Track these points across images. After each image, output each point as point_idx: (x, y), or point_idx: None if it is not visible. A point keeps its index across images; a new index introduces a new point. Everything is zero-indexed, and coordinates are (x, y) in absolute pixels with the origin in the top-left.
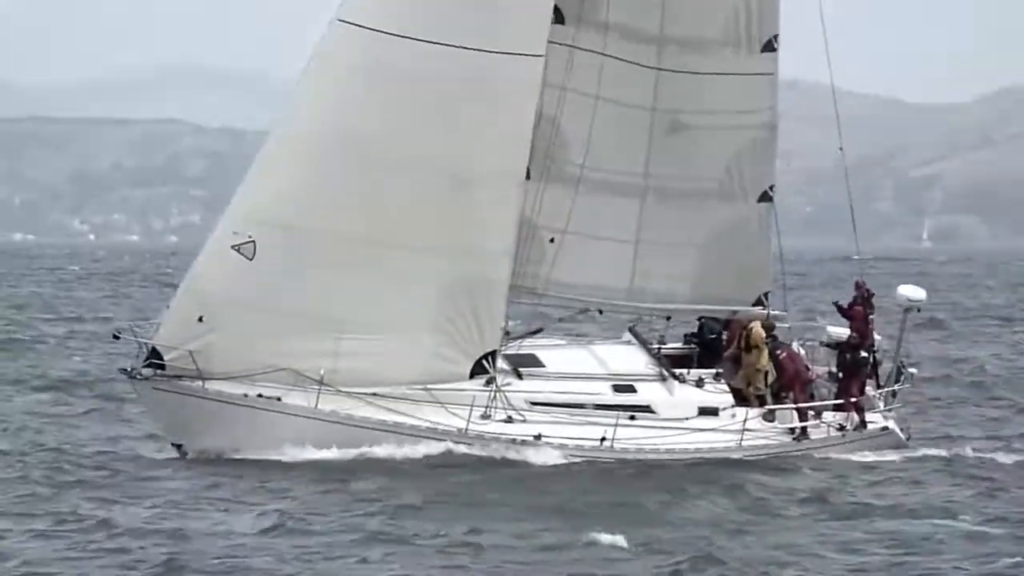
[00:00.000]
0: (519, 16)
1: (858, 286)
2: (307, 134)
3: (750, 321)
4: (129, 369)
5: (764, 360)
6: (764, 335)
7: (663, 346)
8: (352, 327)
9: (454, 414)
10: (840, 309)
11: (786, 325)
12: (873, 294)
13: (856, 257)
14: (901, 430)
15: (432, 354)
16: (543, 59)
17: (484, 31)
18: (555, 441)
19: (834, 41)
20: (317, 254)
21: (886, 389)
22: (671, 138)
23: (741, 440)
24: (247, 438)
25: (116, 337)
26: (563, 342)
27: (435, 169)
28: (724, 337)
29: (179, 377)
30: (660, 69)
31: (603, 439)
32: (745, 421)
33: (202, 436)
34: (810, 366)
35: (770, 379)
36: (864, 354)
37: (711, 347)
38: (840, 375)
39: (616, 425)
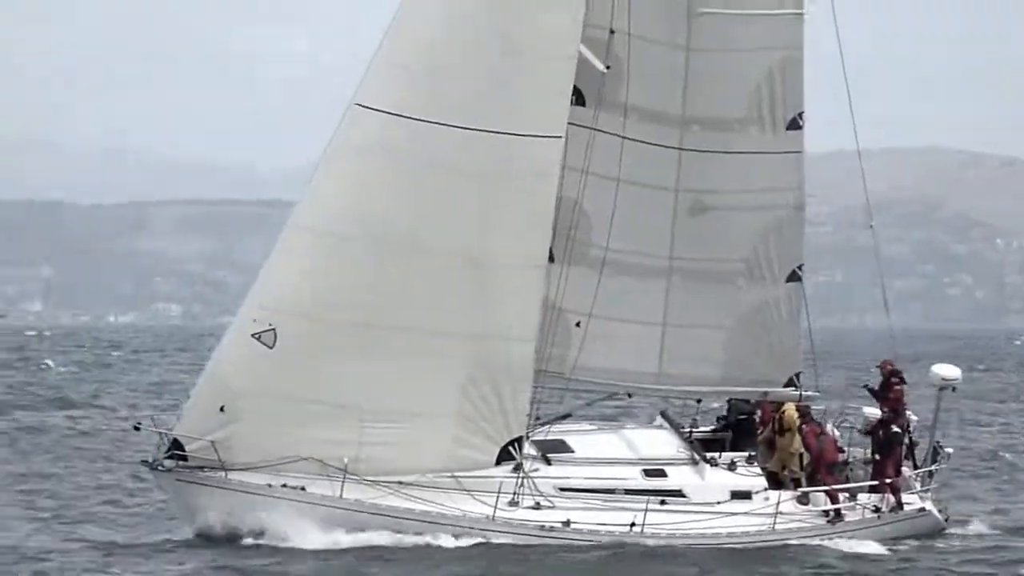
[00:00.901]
0: (538, 98)
1: (882, 368)
2: (325, 220)
3: (783, 403)
4: (151, 461)
5: (797, 443)
6: (797, 417)
7: (695, 429)
8: (375, 415)
9: (481, 501)
10: (872, 392)
11: (820, 407)
12: (900, 372)
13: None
14: (939, 511)
15: (457, 441)
16: (562, 140)
17: (503, 114)
18: (584, 527)
19: None
20: (338, 342)
21: (923, 469)
22: (695, 219)
23: (775, 524)
24: (272, 527)
25: (137, 428)
26: (593, 427)
27: (455, 254)
28: (757, 418)
29: (201, 468)
30: (682, 149)
31: (633, 524)
32: (778, 504)
33: (227, 526)
34: (843, 448)
35: (805, 461)
36: (897, 430)
37: (741, 429)
38: (875, 456)
39: (647, 510)
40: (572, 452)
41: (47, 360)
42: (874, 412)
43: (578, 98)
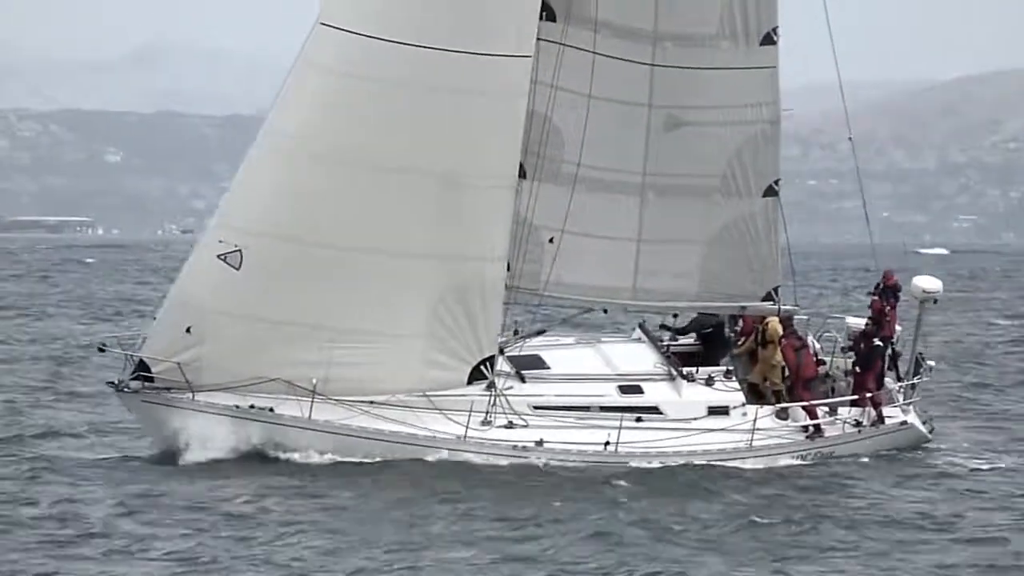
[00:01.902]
0: (505, 18)
1: (886, 277)
2: (292, 142)
3: (766, 315)
4: (117, 382)
5: (780, 355)
6: (780, 330)
7: (674, 342)
8: (344, 336)
9: (453, 421)
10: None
11: (803, 317)
12: (898, 286)
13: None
14: (923, 423)
15: (427, 361)
16: (530, 60)
17: (470, 33)
18: (557, 447)
19: None
20: (306, 263)
21: (906, 382)
22: (670, 135)
23: (752, 440)
24: (239, 448)
25: (102, 350)
26: (570, 341)
27: (424, 174)
28: (728, 331)
29: (168, 389)
30: (655, 65)
31: (607, 443)
32: (755, 420)
33: (194, 447)
34: (824, 360)
35: (787, 374)
36: (879, 343)
37: (709, 342)
38: (855, 369)
39: (620, 428)
40: (547, 368)
41: None
42: (858, 323)
43: (548, 14)
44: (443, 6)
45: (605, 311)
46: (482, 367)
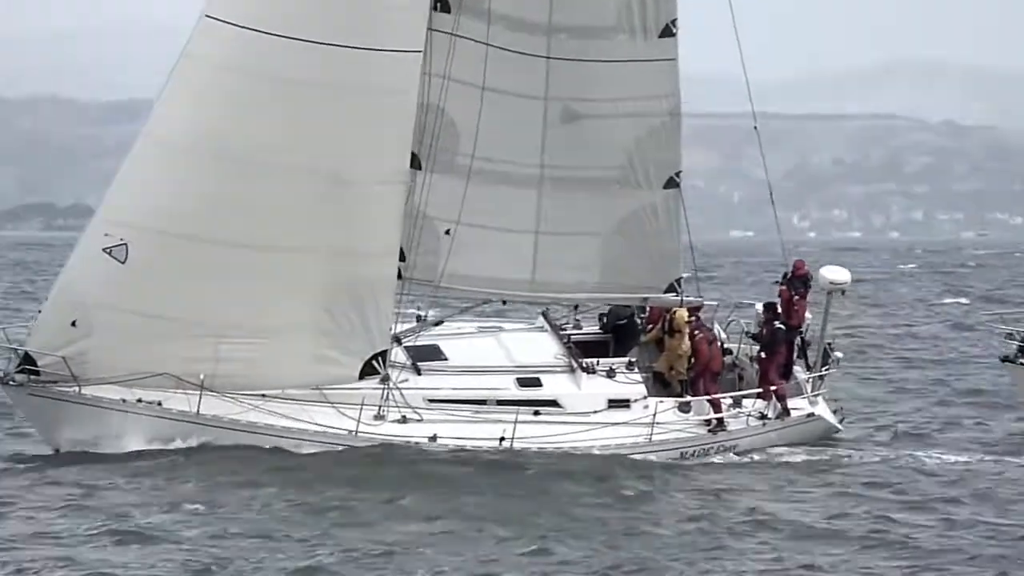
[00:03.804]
0: (394, 12)
1: (795, 268)
2: (176, 136)
3: (671, 306)
4: (2, 375)
5: (686, 345)
6: (687, 319)
7: (577, 331)
8: (231, 331)
9: (345, 415)
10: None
11: (713, 303)
12: (806, 275)
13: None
14: (835, 413)
15: (317, 357)
16: (420, 56)
17: (358, 28)
18: (451, 442)
19: None
20: (191, 259)
21: (814, 374)
22: (566, 127)
23: (651, 434)
24: (126, 442)
25: None
26: (472, 330)
27: (311, 170)
28: (640, 320)
29: (54, 382)
30: (550, 58)
31: (502, 439)
32: (655, 414)
33: (80, 441)
34: (730, 349)
35: (691, 363)
36: (780, 327)
37: (621, 334)
38: (760, 355)
39: (516, 423)
40: (445, 359)
41: None
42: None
43: (442, 4)
44: (329, 2)
45: (504, 303)
46: (374, 362)
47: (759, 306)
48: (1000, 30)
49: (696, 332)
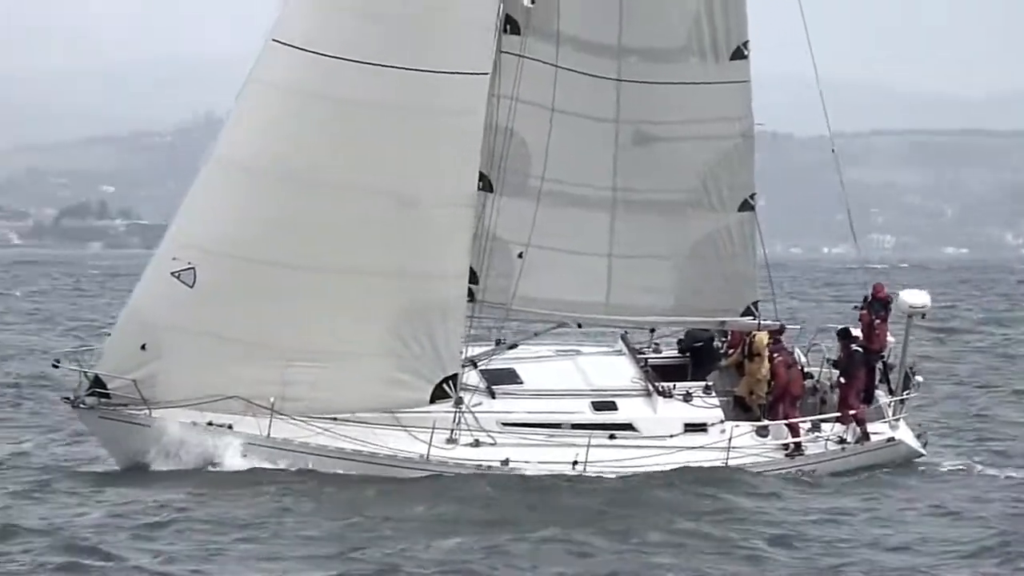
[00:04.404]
0: (461, 35)
1: (875, 291)
2: (243, 159)
3: (749, 330)
4: (72, 398)
5: (766, 368)
6: (767, 342)
7: (656, 355)
8: (301, 355)
9: (417, 439)
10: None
11: (797, 327)
12: (887, 299)
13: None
14: (917, 437)
15: (387, 380)
16: (487, 78)
17: (425, 51)
18: (524, 466)
19: None
20: (259, 282)
21: (895, 398)
22: (638, 150)
23: (728, 458)
24: (197, 466)
25: (55, 366)
26: (550, 353)
27: (380, 193)
28: (718, 344)
29: (125, 405)
30: (620, 80)
31: (575, 462)
32: (731, 438)
33: (149, 463)
34: (812, 373)
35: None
36: (859, 349)
37: (698, 357)
38: (840, 380)
39: (589, 446)
40: (520, 383)
41: None
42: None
43: (511, 26)
44: (397, 24)
45: (579, 326)
46: (445, 386)
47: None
48: None
49: (774, 355)
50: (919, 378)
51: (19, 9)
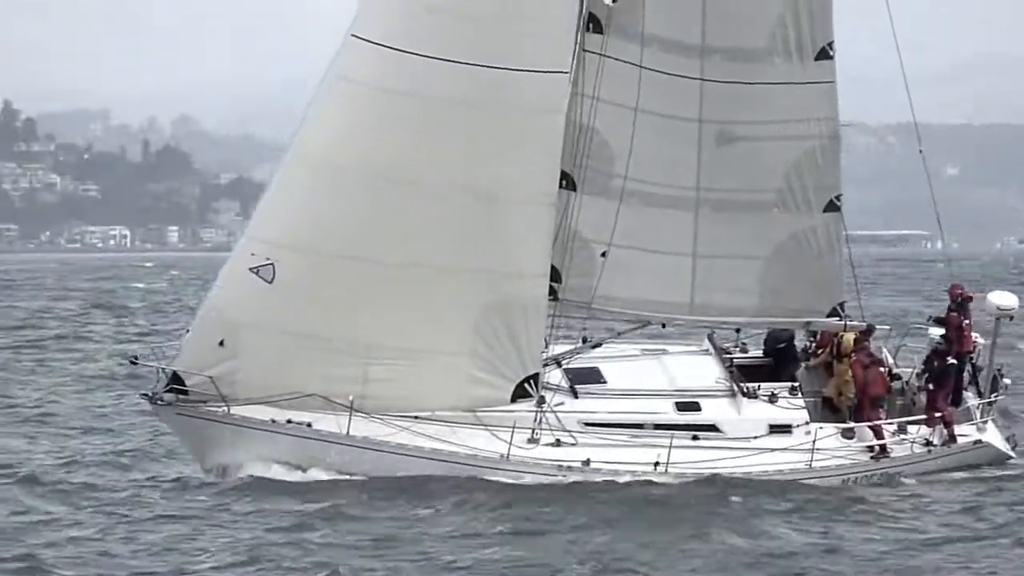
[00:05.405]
0: (542, 32)
1: (951, 294)
2: (325, 156)
3: (836, 330)
4: (151, 394)
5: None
6: (852, 344)
7: (743, 355)
8: (380, 352)
9: (498, 438)
10: (938, 321)
11: (885, 327)
12: (969, 298)
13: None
14: (1007, 439)
15: (469, 379)
16: (567, 76)
17: (506, 48)
18: (605, 467)
19: None
20: (340, 279)
21: (984, 400)
22: (723, 150)
23: (812, 460)
24: (276, 463)
25: (134, 362)
26: (636, 352)
27: (461, 190)
28: (805, 344)
29: (203, 402)
30: (704, 80)
31: (656, 463)
32: (815, 440)
33: (228, 460)
34: (900, 375)
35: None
36: (953, 361)
37: (781, 357)
38: (928, 386)
39: (671, 447)
40: (604, 382)
41: None
42: (940, 332)
43: (594, 25)
44: (477, 23)
45: (664, 326)
46: (526, 385)
47: (932, 331)
48: None
49: (852, 355)
50: (1007, 380)
51: None
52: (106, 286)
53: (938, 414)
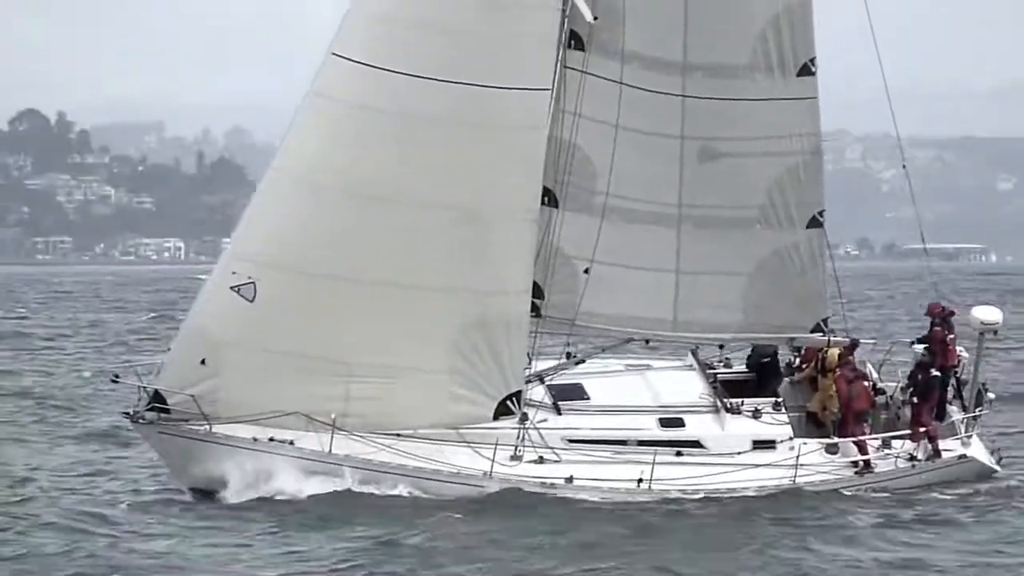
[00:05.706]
0: (523, 50)
1: (931, 311)
2: (303, 173)
3: (820, 346)
4: (132, 413)
5: None
6: (837, 359)
7: (726, 371)
8: (362, 370)
9: (481, 455)
10: (921, 341)
11: (871, 341)
12: (952, 313)
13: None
14: (991, 453)
15: (450, 396)
16: (548, 93)
17: (487, 66)
18: (588, 484)
19: None
20: (321, 297)
21: (968, 415)
22: (705, 166)
23: (796, 476)
24: (259, 482)
25: (115, 380)
26: (619, 368)
27: (443, 207)
28: (790, 359)
29: (185, 420)
30: (686, 96)
31: (640, 480)
32: (799, 455)
33: (210, 479)
34: (884, 390)
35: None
36: (936, 373)
37: (764, 372)
38: (912, 401)
39: (654, 464)
40: (587, 399)
41: None
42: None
43: (576, 42)
44: (458, 41)
45: (647, 342)
46: (508, 402)
47: (917, 347)
48: None
49: (836, 369)
50: (991, 395)
51: None
52: (167, 297)
53: (923, 428)
